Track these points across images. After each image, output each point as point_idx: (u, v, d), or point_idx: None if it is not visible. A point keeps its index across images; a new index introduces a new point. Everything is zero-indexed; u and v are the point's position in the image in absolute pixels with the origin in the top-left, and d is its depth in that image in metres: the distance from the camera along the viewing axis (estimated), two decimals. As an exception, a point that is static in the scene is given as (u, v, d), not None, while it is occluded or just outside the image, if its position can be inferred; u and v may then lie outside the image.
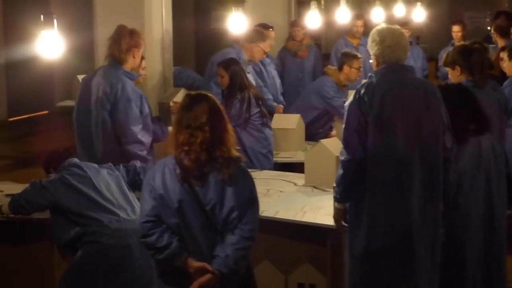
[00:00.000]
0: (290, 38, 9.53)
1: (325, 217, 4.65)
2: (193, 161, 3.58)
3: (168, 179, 3.62)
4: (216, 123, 3.64)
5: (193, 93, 3.79)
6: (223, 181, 3.59)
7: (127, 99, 5.22)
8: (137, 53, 5.38)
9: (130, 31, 5.42)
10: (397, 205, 4.05)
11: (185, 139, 3.59)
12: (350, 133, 4.05)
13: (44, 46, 4.67)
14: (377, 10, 10.68)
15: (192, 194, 3.60)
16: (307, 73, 9.40)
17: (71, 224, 4.49)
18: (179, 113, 3.68)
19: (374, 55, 4.18)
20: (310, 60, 9.44)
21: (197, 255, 3.61)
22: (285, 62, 9.44)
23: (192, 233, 3.61)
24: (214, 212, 3.59)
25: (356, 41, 9.54)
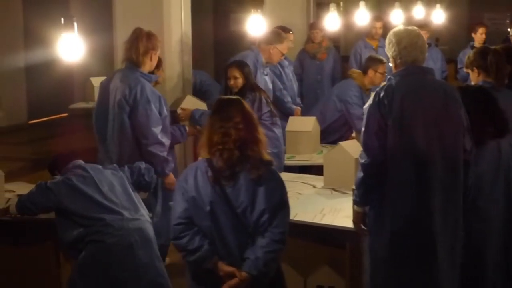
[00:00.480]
0: (309, 41, 9.53)
1: (344, 219, 4.64)
2: (226, 160, 3.64)
3: (200, 182, 3.68)
4: (249, 124, 3.73)
5: (225, 97, 3.91)
6: (253, 182, 3.65)
7: (147, 100, 5.25)
8: (154, 55, 5.40)
9: (147, 33, 5.45)
10: (417, 207, 4.03)
11: (219, 138, 3.67)
12: (370, 136, 4.04)
13: (65, 49, 4.69)
14: (396, 12, 10.65)
15: (223, 196, 3.65)
16: (326, 75, 9.40)
17: (75, 225, 4.54)
18: (212, 117, 3.77)
19: (392, 57, 4.18)
20: (329, 62, 9.44)
21: (227, 257, 3.67)
22: (304, 64, 9.44)
23: (223, 235, 3.66)
24: (245, 214, 3.65)
25: (376, 43, 9.52)
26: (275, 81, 7.56)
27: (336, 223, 4.64)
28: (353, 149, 5.35)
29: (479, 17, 14.09)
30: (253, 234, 3.67)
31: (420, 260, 4.06)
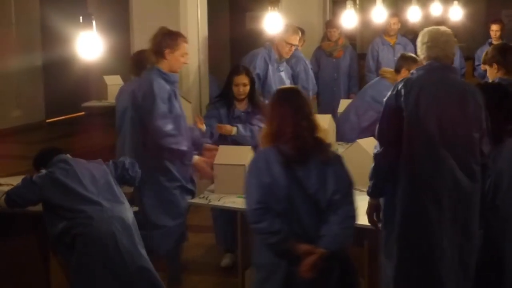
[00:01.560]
0: (325, 38, 9.52)
1: (361, 217, 4.60)
2: (298, 148, 3.80)
3: (273, 168, 3.80)
4: (312, 112, 3.91)
5: (286, 88, 4.09)
6: (323, 164, 3.81)
7: (152, 96, 5.19)
8: (169, 54, 5.30)
9: (164, 31, 5.40)
10: (428, 203, 4.03)
11: (291, 128, 3.80)
12: (385, 126, 4.09)
13: (83, 47, 4.70)
14: (413, 9, 10.59)
15: (296, 179, 3.79)
16: (342, 73, 9.40)
17: (59, 218, 4.70)
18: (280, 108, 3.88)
19: (418, 54, 4.26)
20: (345, 60, 9.44)
21: (303, 236, 3.80)
22: (320, 62, 9.45)
23: (298, 216, 3.81)
24: (317, 195, 3.80)
25: (393, 39, 9.48)
26: (289, 77, 7.48)
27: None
28: (371, 146, 5.31)
29: (497, 14, 14.00)
30: (326, 212, 3.81)
31: (427, 254, 4.06)
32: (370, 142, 5.48)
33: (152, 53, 5.35)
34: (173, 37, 5.34)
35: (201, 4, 7.62)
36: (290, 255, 3.81)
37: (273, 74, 6.94)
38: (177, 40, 5.33)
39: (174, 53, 5.31)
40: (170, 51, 5.30)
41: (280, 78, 7.05)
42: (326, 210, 3.82)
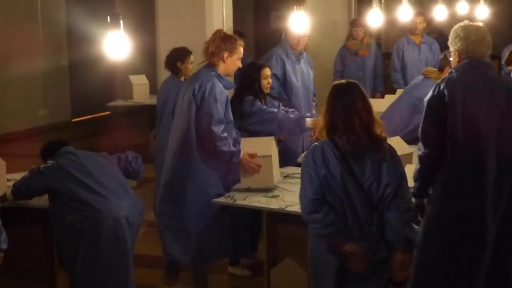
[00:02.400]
0: (350, 37, 9.49)
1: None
2: (353, 143, 3.87)
3: (330, 161, 3.90)
4: (368, 108, 3.93)
5: (343, 83, 4.05)
6: (378, 160, 3.88)
7: (214, 99, 5.19)
8: (227, 57, 5.29)
9: (222, 34, 5.40)
10: (473, 199, 4.03)
11: (343, 124, 3.87)
12: (429, 127, 4.07)
13: (110, 47, 4.72)
14: (439, 8, 10.52)
15: (351, 173, 3.88)
16: (367, 72, 9.36)
17: (66, 209, 4.77)
18: (333, 102, 3.95)
19: (457, 51, 4.19)
20: (370, 59, 9.41)
21: (357, 228, 3.88)
22: (345, 61, 9.42)
23: (353, 208, 3.89)
24: (371, 188, 3.89)
25: (419, 38, 9.43)
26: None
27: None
28: (398, 146, 5.28)
29: (524, 12, 13.87)
30: (378, 205, 3.89)
31: (470, 250, 4.05)
32: (396, 141, 5.44)
33: (210, 55, 5.33)
34: (232, 41, 5.34)
35: (227, 4, 7.63)
36: (339, 249, 3.89)
37: (292, 69, 6.89)
38: (236, 43, 5.34)
39: (233, 57, 5.33)
40: (229, 55, 5.31)
41: (301, 70, 7.01)
42: (378, 203, 3.90)
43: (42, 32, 12.70)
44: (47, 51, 12.80)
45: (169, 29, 7.40)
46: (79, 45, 12.72)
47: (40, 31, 12.67)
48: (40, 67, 12.73)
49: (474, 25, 4.23)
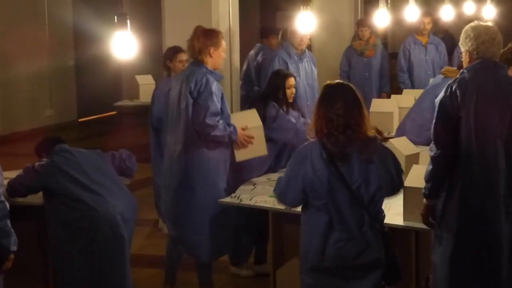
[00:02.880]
0: (356, 37, 9.48)
1: (393, 217, 4.60)
2: (334, 144, 3.90)
3: (316, 164, 3.93)
4: (351, 108, 3.93)
5: (332, 83, 4.08)
6: (364, 161, 3.90)
7: (210, 93, 5.27)
8: (214, 51, 5.38)
9: (204, 30, 5.47)
10: (486, 199, 4.01)
11: (323, 124, 3.91)
12: (441, 128, 4.06)
13: (117, 47, 4.71)
14: (446, 8, 10.50)
15: (338, 175, 3.90)
16: (373, 72, 9.36)
17: (62, 206, 4.79)
18: (318, 102, 4.02)
19: (468, 51, 4.18)
20: (376, 59, 9.39)
21: (345, 230, 3.92)
22: (351, 61, 9.41)
23: (339, 211, 3.92)
24: (360, 190, 3.91)
25: (425, 39, 9.40)
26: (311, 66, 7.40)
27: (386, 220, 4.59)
28: (404, 146, 5.29)
29: (531, 12, 13.82)
30: (369, 206, 3.92)
31: (486, 251, 4.03)
32: (403, 141, 5.45)
33: (196, 52, 5.39)
34: (215, 35, 5.44)
35: (233, 3, 7.62)
36: None
37: (296, 69, 6.90)
38: (219, 37, 5.44)
39: (218, 50, 5.42)
40: (214, 49, 5.39)
41: (305, 69, 7.01)
42: (368, 204, 3.91)
43: (49, 32, 12.72)
44: (54, 51, 12.81)
45: (175, 28, 7.39)
46: (85, 45, 12.74)
47: (46, 31, 12.68)
48: (46, 67, 12.75)
49: (484, 25, 4.21)
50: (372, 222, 3.96)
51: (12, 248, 3.98)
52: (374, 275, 3.97)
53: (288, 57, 6.86)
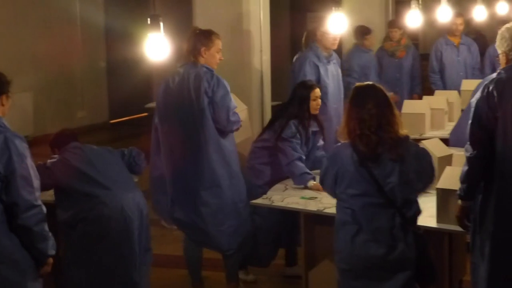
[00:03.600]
0: (387, 38, 9.45)
1: (427, 219, 4.56)
2: (365, 145, 3.92)
3: (346, 164, 3.98)
4: (383, 108, 3.96)
5: (361, 85, 4.12)
6: (395, 160, 3.91)
7: (226, 91, 5.41)
8: (205, 52, 5.48)
9: (199, 31, 5.60)
10: None
11: (355, 124, 3.95)
12: (477, 128, 4.03)
13: (150, 48, 4.73)
14: (478, 8, 10.41)
15: (370, 177, 3.90)
16: (404, 74, 9.33)
17: (72, 202, 4.83)
18: (350, 103, 4.04)
19: (504, 52, 4.15)
20: (407, 60, 9.36)
21: (374, 232, 3.94)
22: (383, 63, 9.38)
23: (370, 213, 3.95)
24: (393, 192, 3.92)
25: (457, 40, 9.33)
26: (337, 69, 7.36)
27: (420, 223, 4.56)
28: (437, 148, 5.25)
29: None
30: (401, 208, 3.92)
31: None
32: (436, 143, 5.40)
33: (189, 53, 5.52)
34: (207, 35, 5.53)
35: (264, 5, 7.63)
36: None
37: (325, 72, 6.86)
38: (211, 37, 5.52)
39: (210, 50, 5.50)
40: (205, 49, 5.49)
41: (332, 71, 6.98)
42: (401, 205, 3.92)
43: (81, 34, 12.83)
44: (86, 53, 12.92)
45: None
46: (117, 46, 12.82)
47: (79, 33, 12.79)
48: (78, 69, 12.86)
49: None
50: (404, 224, 3.95)
51: (50, 252, 3.99)
52: (404, 275, 3.96)
53: (318, 60, 6.82)
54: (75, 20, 12.73)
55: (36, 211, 3.88)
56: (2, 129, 3.85)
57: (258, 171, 5.76)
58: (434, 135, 6.78)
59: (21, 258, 3.89)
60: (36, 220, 3.87)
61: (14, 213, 3.83)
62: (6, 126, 3.90)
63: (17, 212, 3.82)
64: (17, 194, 3.80)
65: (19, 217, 3.83)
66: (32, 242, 3.91)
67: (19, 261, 3.88)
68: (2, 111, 3.94)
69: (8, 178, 3.80)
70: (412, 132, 6.82)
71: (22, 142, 3.90)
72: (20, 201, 3.81)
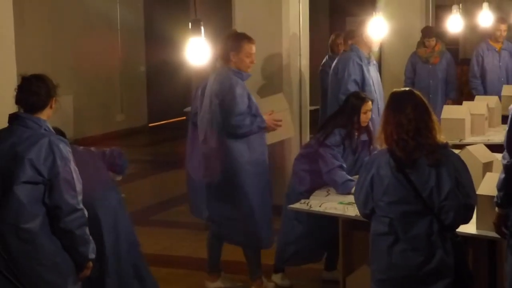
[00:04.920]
0: (421, 45, 9.31)
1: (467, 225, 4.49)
2: (402, 149, 3.86)
3: (382, 171, 3.92)
4: (420, 113, 3.92)
5: (398, 91, 4.08)
6: (433, 166, 3.85)
7: (233, 96, 5.44)
8: (233, 55, 5.50)
9: (230, 35, 5.68)
10: None
11: (393, 129, 3.90)
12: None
13: (192, 52, 4.74)
14: (520, 13, 10.29)
15: (407, 183, 3.86)
16: (439, 80, 9.21)
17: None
18: (386, 110, 4.02)
19: None
20: (441, 66, 9.24)
21: (411, 240, 3.87)
22: (416, 68, 9.28)
23: (406, 221, 3.88)
24: (431, 198, 3.85)
25: (499, 45, 9.22)
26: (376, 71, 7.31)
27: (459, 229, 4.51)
28: (481, 153, 5.19)
29: None
30: (440, 214, 3.86)
31: None
32: (481, 149, 5.33)
33: (220, 57, 5.61)
34: (237, 39, 5.57)
35: (303, 9, 7.63)
36: None
37: (368, 72, 6.83)
38: (240, 42, 5.54)
39: (239, 55, 5.52)
40: (234, 54, 5.51)
41: (372, 74, 6.93)
42: (439, 213, 3.85)
43: (121, 38, 12.94)
44: (125, 56, 13.03)
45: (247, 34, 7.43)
46: (156, 50, 12.91)
47: (118, 37, 12.91)
48: (118, 73, 12.98)
49: None
50: (442, 230, 3.89)
51: (91, 255, 4.01)
52: (442, 284, 3.91)
53: (360, 60, 6.76)
54: (115, 24, 12.84)
55: (78, 215, 3.90)
56: (46, 133, 3.89)
57: (300, 178, 5.75)
58: (474, 141, 6.71)
59: (63, 261, 3.92)
60: (78, 224, 3.90)
61: (56, 217, 3.86)
62: (50, 130, 3.94)
63: (60, 216, 3.85)
64: (60, 197, 3.83)
65: (61, 221, 3.86)
66: (73, 245, 3.93)
67: (61, 264, 3.91)
68: (47, 114, 3.99)
69: (52, 181, 3.83)
70: (452, 138, 6.85)
71: (66, 146, 3.93)
72: (63, 205, 3.84)
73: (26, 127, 3.88)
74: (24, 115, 3.91)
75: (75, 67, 11.83)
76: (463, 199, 3.89)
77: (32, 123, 3.89)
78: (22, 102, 3.97)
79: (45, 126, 3.92)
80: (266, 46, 7.35)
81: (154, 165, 10.61)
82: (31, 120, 3.89)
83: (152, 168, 10.46)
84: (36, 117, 3.91)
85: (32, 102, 3.92)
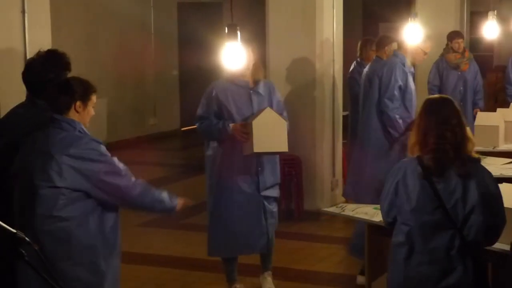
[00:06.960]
0: (450, 50, 9.05)
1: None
2: (432, 158, 3.73)
3: (408, 177, 3.79)
4: (462, 124, 3.82)
5: (438, 97, 4.02)
6: (462, 178, 3.71)
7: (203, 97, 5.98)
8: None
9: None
10: None
11: (434, 139, 3.75)
12: None
13: (228, 57, 4.75)
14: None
15: (433, 192, 3.72)
16: (469, 87, 8.97)
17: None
18: (426, 117, 3.85)
19: None
20: (471, 73, 8.97)
21: (429, 253, 3.73)
22: (444, 75, 9.02)
23: (426, 232, 3.75)
24: (455, 209, 3.71)
25: (535, 51, 9.11)
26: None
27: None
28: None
29: None
30: (462, 229, 3.70)
31: None
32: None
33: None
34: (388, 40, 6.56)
35: (337, 15, 7.63)
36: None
37: (410, 81, 6.81)
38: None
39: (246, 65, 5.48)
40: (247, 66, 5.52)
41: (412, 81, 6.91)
42: (462, 227, 3.70)
43: (154, 42, 13.03)
44: (159, 61, 13.11)
45: (280, 39, 7.45)
46: (189, 55, 12.97)
47: (152, 41, 13.00)
48: (151, 77, 13.06)
49: None
50: (464, 247, 3.73)
51: (173, 203, 4.13)
52: None
53: (404, 66, 6.75)
54: (149, 28, 12.93)
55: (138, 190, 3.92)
56: (81, 135, 3.90)
57: None
58: (507, 149, 6.67)
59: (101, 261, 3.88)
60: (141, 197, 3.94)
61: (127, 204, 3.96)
62: (85, 132, 3.95)
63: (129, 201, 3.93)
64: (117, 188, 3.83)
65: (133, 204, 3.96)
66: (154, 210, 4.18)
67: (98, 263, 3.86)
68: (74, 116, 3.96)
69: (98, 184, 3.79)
70: (485, 145, 6.81)
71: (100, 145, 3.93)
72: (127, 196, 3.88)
73: (61, 129, 3.88)
74: (59, 117, 3.90)
75: (109, 71, 11.93)
76: (488, 217, 3.71)
77: (66, 125, 3.88)
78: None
79: (79, 128, 3.91)
80: (299, 51, 7.37)
81: (186, 169, 10.64)
82: (65, 122, 3.89)
83: (184, 172, 10.49)
84: (70, 119, 3.90)
85: (50, 103, 3.91)
